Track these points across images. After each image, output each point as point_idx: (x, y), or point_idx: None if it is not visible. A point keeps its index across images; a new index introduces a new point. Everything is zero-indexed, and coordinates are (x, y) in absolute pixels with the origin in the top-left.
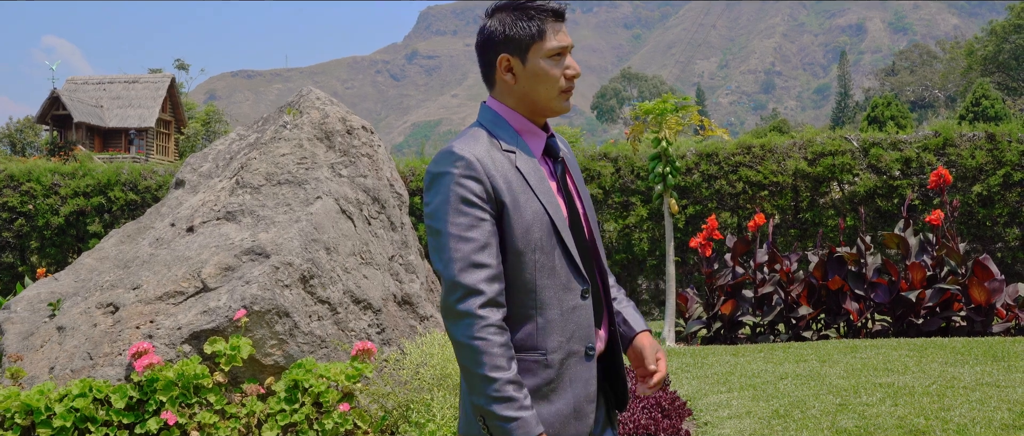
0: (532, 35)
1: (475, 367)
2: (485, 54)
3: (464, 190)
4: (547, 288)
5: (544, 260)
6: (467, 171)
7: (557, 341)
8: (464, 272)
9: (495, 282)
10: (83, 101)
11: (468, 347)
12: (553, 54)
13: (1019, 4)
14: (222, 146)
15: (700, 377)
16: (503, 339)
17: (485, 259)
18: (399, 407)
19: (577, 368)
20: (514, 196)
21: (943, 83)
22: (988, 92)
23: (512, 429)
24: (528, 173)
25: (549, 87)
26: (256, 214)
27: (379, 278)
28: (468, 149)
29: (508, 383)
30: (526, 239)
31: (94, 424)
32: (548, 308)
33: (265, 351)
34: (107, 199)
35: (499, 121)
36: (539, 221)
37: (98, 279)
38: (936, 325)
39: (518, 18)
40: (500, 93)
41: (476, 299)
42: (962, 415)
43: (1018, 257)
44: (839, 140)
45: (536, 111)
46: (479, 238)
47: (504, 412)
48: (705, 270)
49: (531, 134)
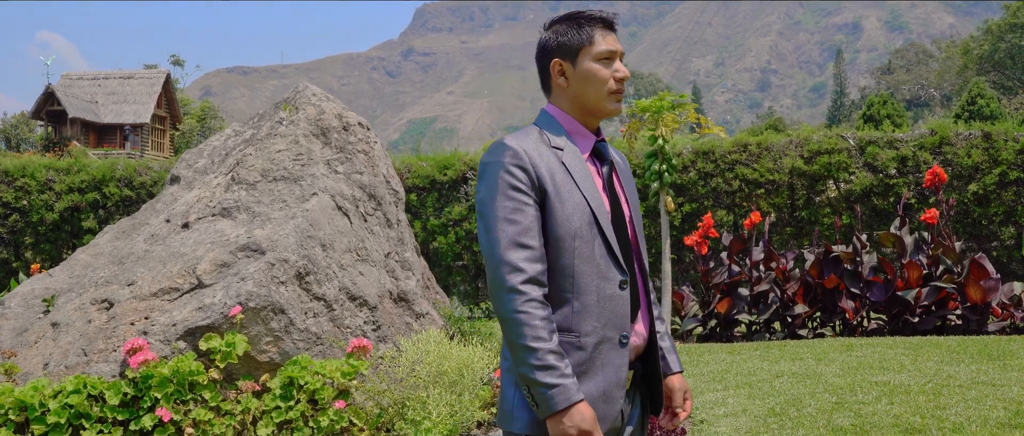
0: (582, 40)
1: (518, 339)
2: (541, 62)
3: (511, 177)
4: (585, 274)
5: (583, 248)
6: (514, 160)
7: (592, 326)
8: (509, 251)
9: (537, 263)
10: (78, 97)
11: (512, 320)
12: (602, 57)
13: (1015, 3)
14: (218, 142)
15: (696, 375)
16: (545, 313)
17: (528, 241)
18: (395, 404)
19: (610, 353)
20: (557, 186)
21: (939, 82)
22: (984, 91)
23: (553, 395)
24: (572, 167)
25: (598, 88)
26: (252, 210)
27: (375, 275)
28: (517, 142)
29: (549, 352)
30: (566, 226)
31: (88, 421)
32: (585, 293)
33: (260, 348)
34: (102, 195)
35: (552, 122)
36: (580, 211)
37: (93, 275)
38: (932, 324)
39: (570, 27)
40: (555, 98)
41: (519, 275)
42: (958, 413)
43: (1014, 256)
44: (835, 138)
45: (588, 112)
46: (523, 221)
47: (545, 379)
48: (701, 268)
49: (581, 136)
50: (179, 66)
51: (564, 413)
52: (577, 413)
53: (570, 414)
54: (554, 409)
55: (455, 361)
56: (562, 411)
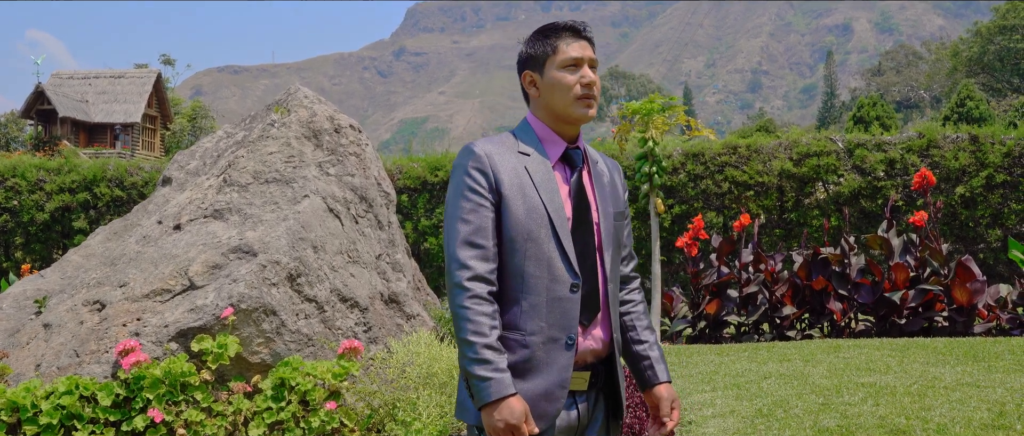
0: (547, 50)
1: (460, 332)
2: (519, 75)
3: (470, 180)
4: (535, 276)
5: (535, 250)
6: (475, 163)
7: (538, 325)
8: (460, 249)
9: (486, 261)
10: (68, 96)
11: (457, 315)
12: (567, 64)
13: (1004, 5)
14: (209, 144)
15: (685, 376)
16: (488, 310)
17: (480, 240)
18: (385, 405)
19: (555, 354)
20: (512, 189)
21: (928, 84)
22: (973, 93)
23: (486, 387)
24: (534, 171)
25: (564, 94)
26: (243, 212)
27: (366, 276)
28: (482, 146)
29: (486, 347)
30: (519, 229)
31: (80, 422)
32: (533, 294)
33: (252, 349)
34: (93, 195)
35: (527, 129)
36: (535, 215)
37: (84, 276)
38: (919, 325)
39: (538, 39)
40: (532, 107)
41: (466, 272)
42: (942, 415)
43: (1000, 258)
44: (824, 141)
45: (559, 119)
46: (476, 221)
47: (480, 372)
48: (691, 269)
49: (552, 143)
50: (169, 65)
51: (495, 405)
52: (507, 407)
53: (500, 408)
54: (486, 400)
55: (445, 363)
56: (493, 403)
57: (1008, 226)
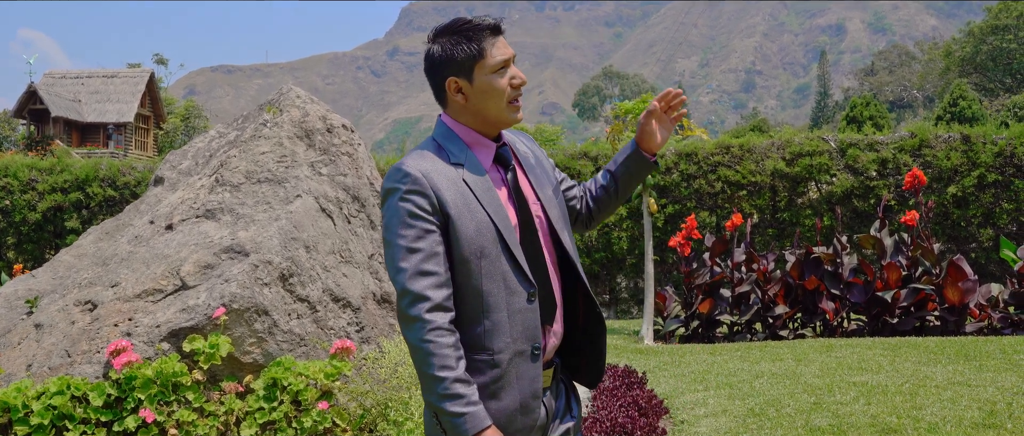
0: (473, 55)
1: (426, 368)
2: (433, 78)
3: (411, 205)
4: (492, 293)
5: (489, 267)
6: (413, 186)
7: (504, 342)
8: (413, 280)
9: (442, 288)
10: (61, 95)
11: (419, 349)
12: (496, 68)
13: (996, 6)
14: (202, 143)
15: (677, 376)
16: (451, 340)
17: (432, 267)
18: (378, 405)
19: (523, 367)
20: (458, 208)
21: (921, 83)
22: (965, 93)
23: (461, 423)
24: (474, 184)
25: (498, 100)
26: (236, 212)
27: (358, 276)
28: (415, 165)
29: (456, 381)
30: (471, 247)
31: (72, 422)
32: (494, 311)
33: (244, 349)
34: (85, 195)
35: (451, 135)
36: (484, 230)
37: (76, 276)
38: (910, 325)
39: (458, 41)
40: (453, 111)
41: (424, 304)
42: (933, 414)
43: (992, 257)
44: (817, 141)
45: (489, 124)
46: (426, 248)
47: (453, 408)
48: (683, 269)
49: (481, 146)
50: (162, 65)
51: None
52: None
53: None
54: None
55: None
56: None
57: (1000, 225)
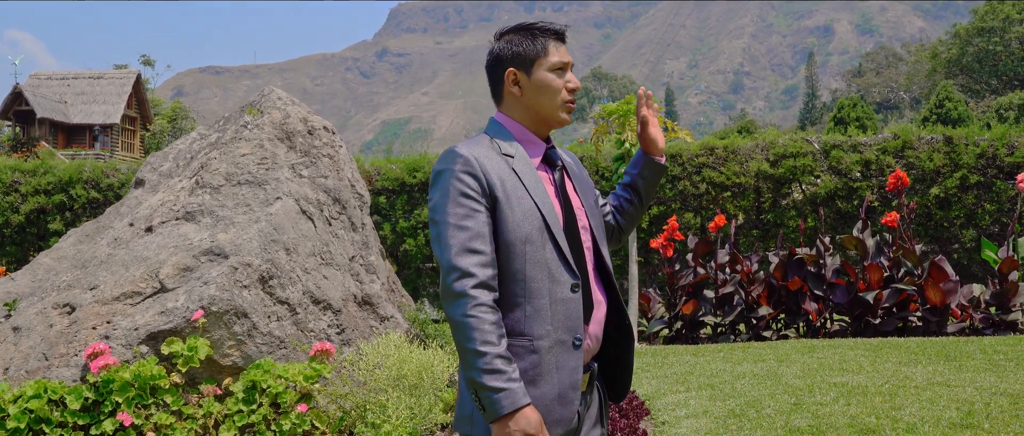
0: (536, 51)
1: (467, 343)
2: (494, 71)
3: (462, 184)
4: (536, 278)
5: (534, 252)
6: (465, 167)
7: (544, 329)
8: (459, 256)
9: (487, 268)
10: (47, 97)
11: (462, 324)
12: (555, 68)
13: (982, 8)
14: (183, 145)
15: (660, 377)
16: (494, 318)
17: (479, 246)
18: (357, 408)
19: (563, 356)
20: (507, 192)
21: (908, 85)
22: (951, 94)
23: (499, 399)
24: (523, 174)
25: (552, 98)
26: (215, 214)
27: (339, 279)
28: (468, 149)
29: (497, 357)
30: (517, 232)
31: (49, 425)
32: (536, 297)
33: (223, 352)
34: (69, 197)
35: (502, 130)
36: (530, 217)
37: (55, 279)
38: (893, 325)
39: (524, 38)
40: (507, 107)
41: (469, 280)
42: (912, 414)
43: (974, 258)
44: (801, 142)
45: (540, 121)
46: (474, 227)
47: (493, 383)
48: (667, 270)
49: (531, 143)
50: (149, 66)
51: (510, 417)
52: (523, 417)
53: (516, 418)
54: (500, 413)
55: (415, 365)
56: (508, 415)
57: (982, 226)
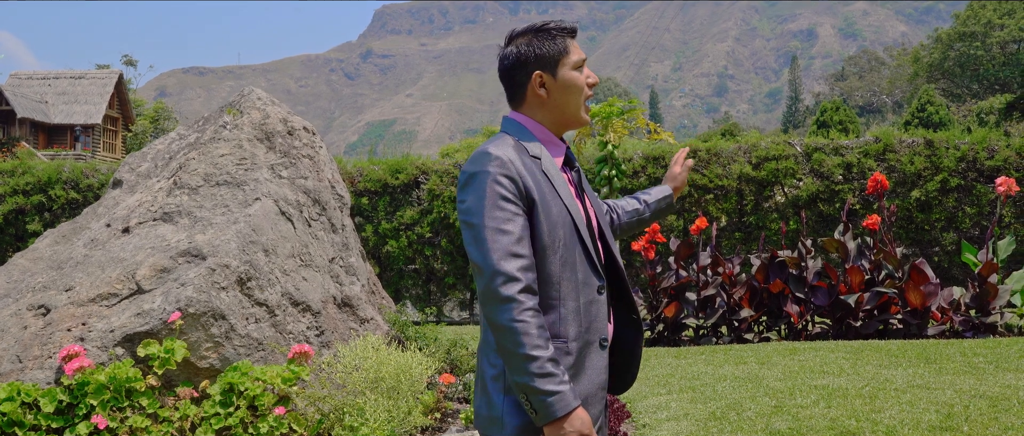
0: (559, 50)
1: (517, 348)
2: (516, 75)
3: (500, 187)
4: (567, 281)
5: (566, 256)
6: (502, 169)
7: (576, 331)
8: (504, 261)
9: (530, 271)
10: (27, 96)
11: (509, 329)
12: (578, 66)
13: (964, 13)
14: (162, 146)
15: (641, 379)
16: (540, 321)
17: (521, 250)
18: (335, 410)
19: (592, 357)
20: (542, 195)
21: (890, 89)
22: (933, 98)
23: (553, 402)
24: (553, 176)
25: (577, 96)
26: (193, 215)
27: (319, 280)
28: (501, 151)
29: (548, 361)
30: (552, 235)
31: (21, 429)
32: (568, 300)
33: (200, 354)
34: (48, 197)
35: (523, 131)
36: (562, 220)
37: (30, 280)
38: (874, 328)
39: (543, 39)
40: (529, 108)
41: (515, 285)
42: (891, 417)
43: (955, 261)
44: (783, 145)
45: (563, 122)
46: (515, 231)
47: (546, 386)
48: (648, 272)
49: (552, 144)
50: (132, 66)
51: (564, 419)
52: (577, 418)
53: (570, 419)
54: (554, 416)
55: (393, 367)
56: (562, 418)
57: (962, 229)
